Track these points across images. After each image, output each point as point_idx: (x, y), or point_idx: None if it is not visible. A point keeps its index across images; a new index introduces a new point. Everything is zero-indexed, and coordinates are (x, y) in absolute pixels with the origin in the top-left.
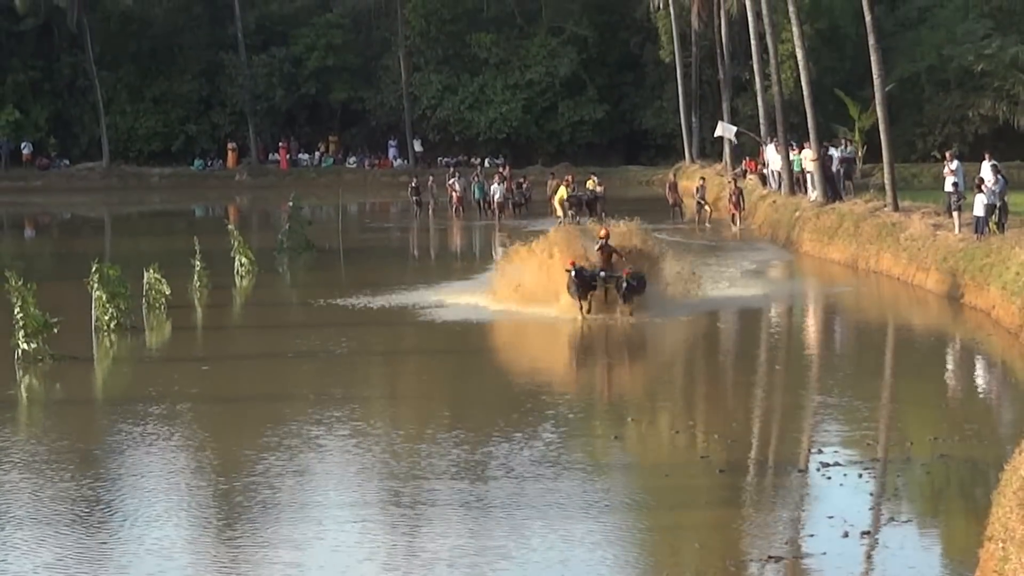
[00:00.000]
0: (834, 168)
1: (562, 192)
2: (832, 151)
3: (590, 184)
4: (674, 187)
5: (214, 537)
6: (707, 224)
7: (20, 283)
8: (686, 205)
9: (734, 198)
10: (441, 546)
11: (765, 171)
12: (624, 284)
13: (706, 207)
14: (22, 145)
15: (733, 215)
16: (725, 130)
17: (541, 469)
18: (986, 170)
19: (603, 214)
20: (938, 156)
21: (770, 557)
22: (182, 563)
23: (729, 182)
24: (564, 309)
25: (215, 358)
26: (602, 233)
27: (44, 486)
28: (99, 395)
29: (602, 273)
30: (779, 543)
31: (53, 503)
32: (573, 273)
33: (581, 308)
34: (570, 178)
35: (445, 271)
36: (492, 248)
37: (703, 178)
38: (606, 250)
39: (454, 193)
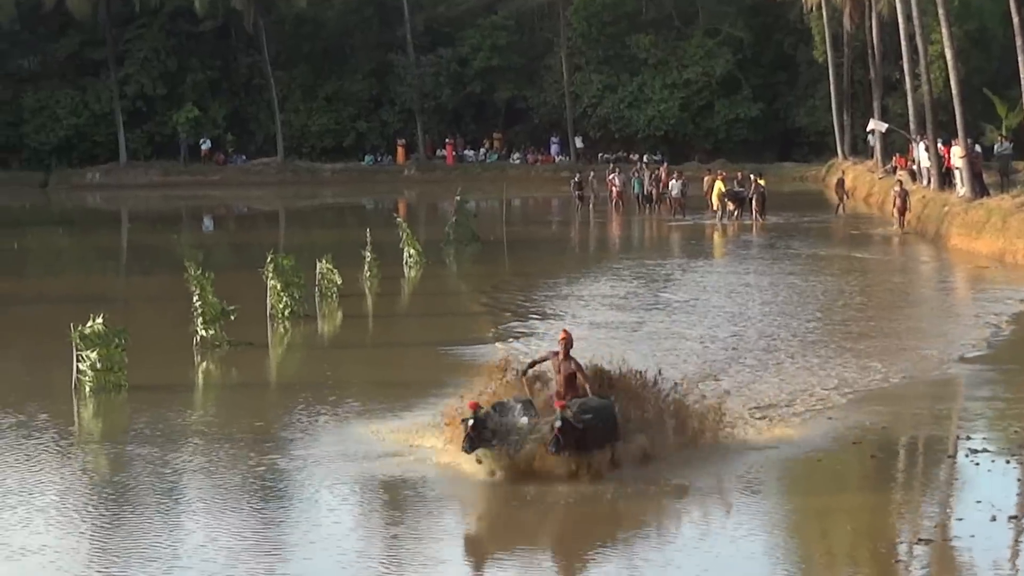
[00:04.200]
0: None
1: (719, 187)
2: (1002, 146)
3: (762, 181)
4: (841, 184)
5: (385, 522)
6: (904, 229)
7: (199, 273)
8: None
9: (899, 200)
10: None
11: (915, 168)
12: (555, 429)
13: (907, 213)
14: (201, 141)
15: (896, 216)
16: (876, 125)
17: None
18: None
19: (763, 211)
20: None
21: (920, 540)
22: (354, 548)
23: (880, 176)
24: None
25: (385, 345)
26: (561, 336)
27: (220, 468)
28: (274, 380)
29: (524, 420)
30: (928, 526)
31: (228, 484)
32: (471, 423)
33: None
34: (723, 174)
35: (603, 264)
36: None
37: (900, 181)
38: (565, 367)
39: (614, 188)
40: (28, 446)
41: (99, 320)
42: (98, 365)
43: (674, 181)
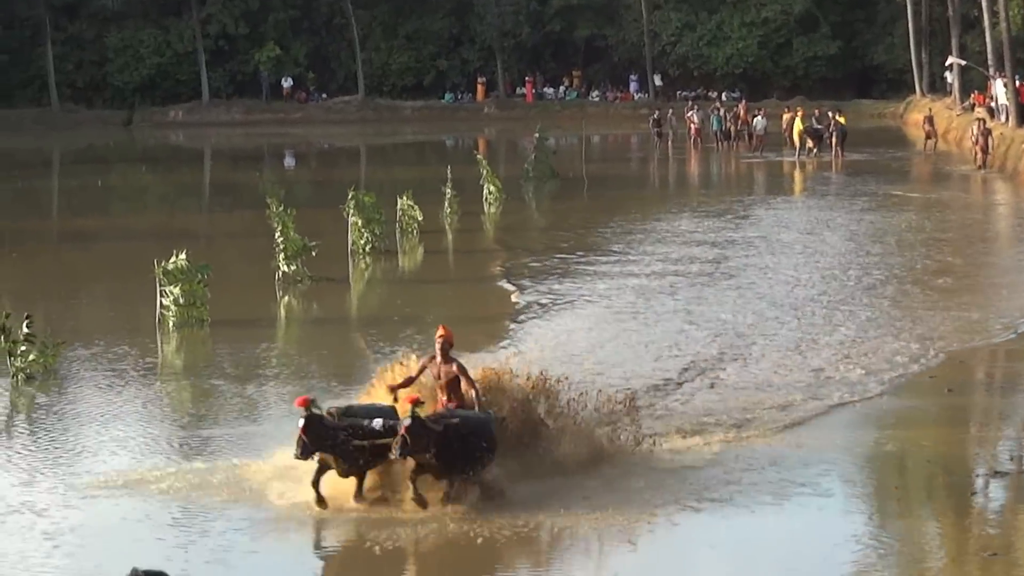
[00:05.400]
0: None
1: (798, 124)
2: None
3: (842, 119)
4: (930, 120)
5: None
6: (985, 167)
7: (281, 209)
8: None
9: (981, 140)
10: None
11: (993, 105)
12: (401, 445)
13: (989, 152)
14: (283, 79)
15: (977, 154)
16: (955, 61)
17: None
18: None
19: (842, 149)
20: None
21: (996, 472)
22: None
23: (959, 113)
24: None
25: (465, 280)
26: (439, 334)
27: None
28: (354, 314)
29: (376, 423)
30: (1004, 459)
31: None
32: (302, 422)
33: (318, 491)
34: (802, 111)
35: (681, 200)
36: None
37: (982, 120)
38: (446, 370)
39: (692, 125)
40: (111, 379)
41: (182, 256)
42: (181, 300)
43: (759, 118)
